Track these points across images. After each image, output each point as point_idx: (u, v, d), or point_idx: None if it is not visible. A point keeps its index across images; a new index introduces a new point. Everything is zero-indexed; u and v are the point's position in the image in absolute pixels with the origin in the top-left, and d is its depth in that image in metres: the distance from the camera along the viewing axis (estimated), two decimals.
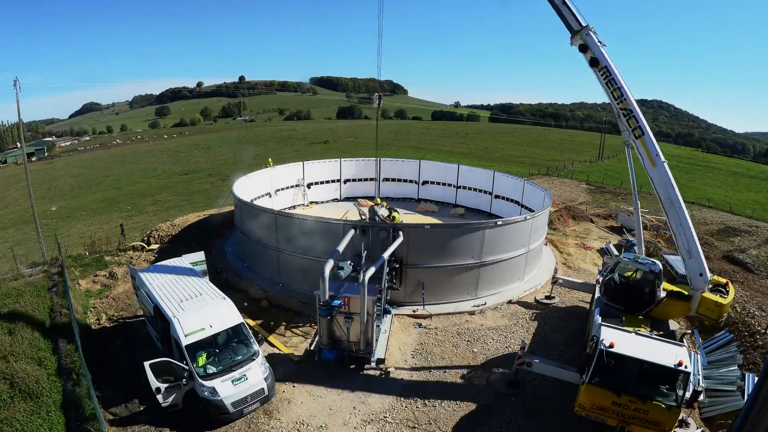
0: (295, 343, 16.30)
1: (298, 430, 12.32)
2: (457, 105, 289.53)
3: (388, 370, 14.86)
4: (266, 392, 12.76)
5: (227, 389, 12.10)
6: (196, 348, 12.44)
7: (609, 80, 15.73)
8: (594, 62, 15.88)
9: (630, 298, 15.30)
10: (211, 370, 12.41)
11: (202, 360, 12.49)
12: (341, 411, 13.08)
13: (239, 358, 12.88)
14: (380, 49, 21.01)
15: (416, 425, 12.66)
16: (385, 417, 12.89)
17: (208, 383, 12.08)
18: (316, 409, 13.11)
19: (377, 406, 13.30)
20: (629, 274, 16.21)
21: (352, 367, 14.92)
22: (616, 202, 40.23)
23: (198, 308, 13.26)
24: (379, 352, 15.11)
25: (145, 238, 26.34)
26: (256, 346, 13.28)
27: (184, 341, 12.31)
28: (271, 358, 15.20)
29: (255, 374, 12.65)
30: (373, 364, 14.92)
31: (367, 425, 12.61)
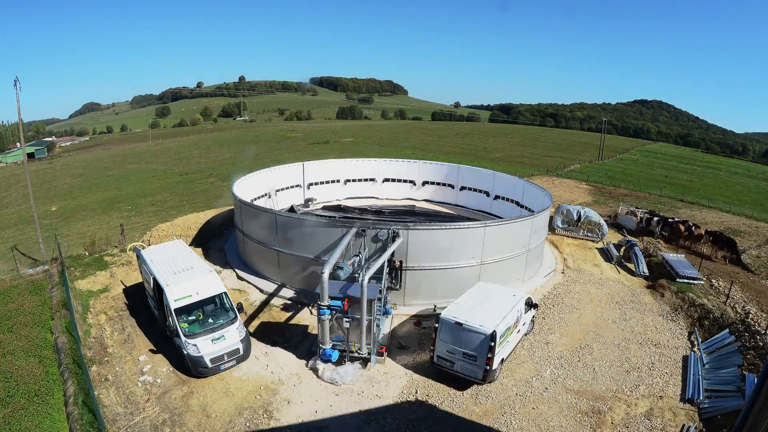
0: (294, 343, 16.29)
1: (298, 430, 12.32)
2: (457, 105, 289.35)
3: (388, 370, 14.85)
4: (241, 352, 14.44)
5: (207, 347, 13.90)
6: (183, 311, 14.36)
7: None
8: None
9: None
10: (195, 330, 14.22)
11: (187, 322, 14.37)
12: (341, 411, 13.07)
13: (220, 321, 14.73)
14: None
15: (416, 425, 12.66)
16: (385, 417, 12.89)
17: (191, 341, 13.92)
18: (316, 409, 13.11)
19: (377, 406, 13.28)
20: None
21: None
22: (615, 202, 40.20)
23: (188, 279, 15.08)
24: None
25: (146, 239, 26.34)
26: (235, 313, 15.08)
27: (173, 305, 14.23)
28: (271, 358, 15.23)
29: (232, 336, 14.41)
30: (373, 364, 14.94)
31: (367, 425, 12.60)
